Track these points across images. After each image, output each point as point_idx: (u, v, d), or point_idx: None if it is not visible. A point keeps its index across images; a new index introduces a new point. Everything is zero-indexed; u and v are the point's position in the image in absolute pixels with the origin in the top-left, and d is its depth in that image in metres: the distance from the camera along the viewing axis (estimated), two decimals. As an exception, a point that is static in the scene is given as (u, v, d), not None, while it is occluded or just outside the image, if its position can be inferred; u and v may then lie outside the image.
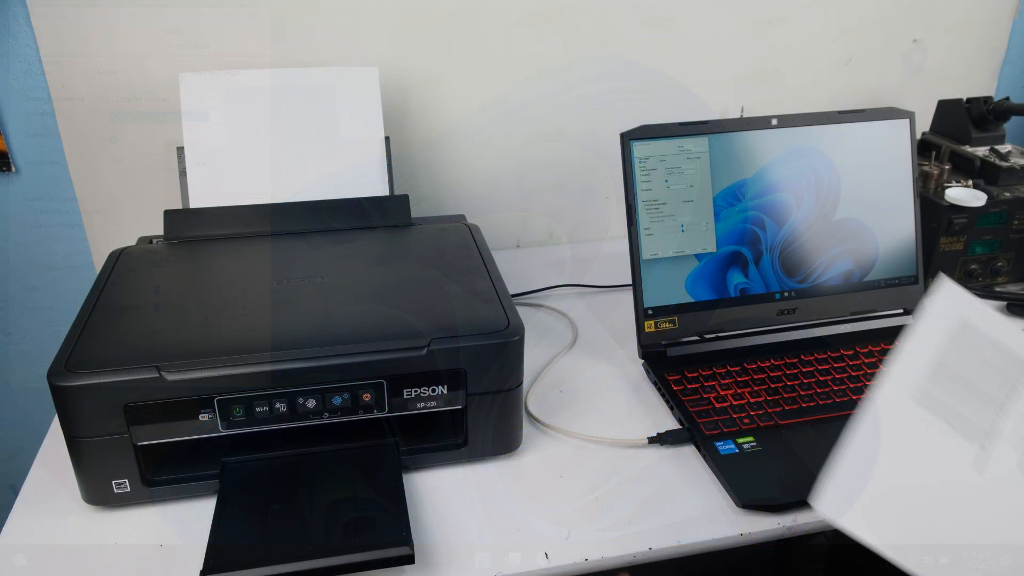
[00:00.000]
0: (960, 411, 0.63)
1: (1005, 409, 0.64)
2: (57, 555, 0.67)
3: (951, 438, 0.63)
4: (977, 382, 0.64)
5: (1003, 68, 1.34)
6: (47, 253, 1.10)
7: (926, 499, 0.61)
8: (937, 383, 0.63)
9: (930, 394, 0.63)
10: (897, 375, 0.64)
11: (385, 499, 0.69)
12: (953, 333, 0.64)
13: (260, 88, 0.97)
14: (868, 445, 0.62)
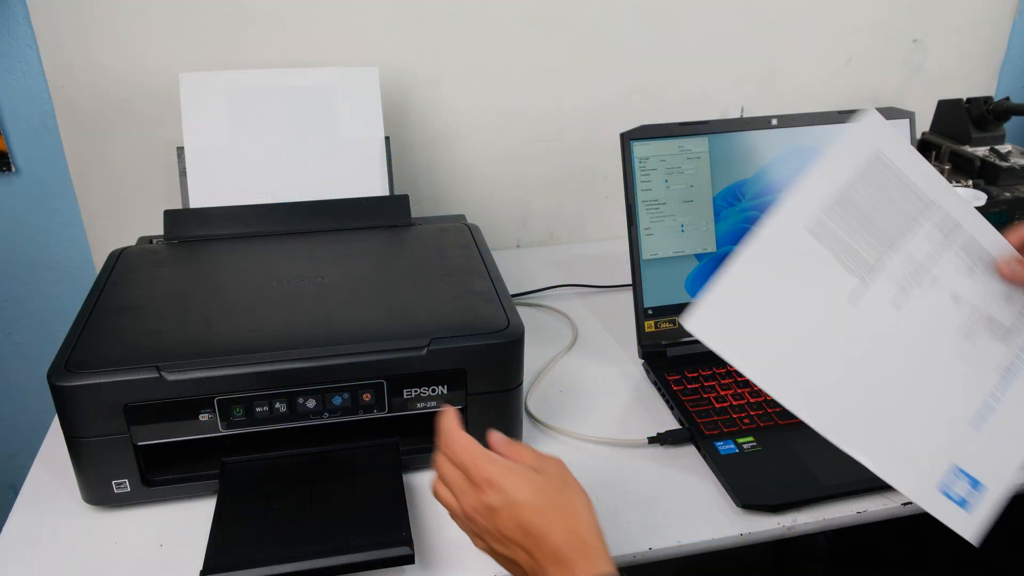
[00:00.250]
0: (850, 245, 0.62)
1: (895, 246, 0.62)
2: (57, 555, 0.67)
3: (834, 270, 0.61)
4: (874, 217, 0.62)
5: (1003, 68, 1.34)
6: (47, 253, 1.10)
7: (798, 328, 0.60)
8: (835, 215, 0.62)
9: (825, 225, 0.62)
10: (796, 202, 0.62)
11: (385, 499, 0.69)
12: (864, 166, 0.62)
13: (260, 88, 0.97)
14: (750, 268, 0.60)
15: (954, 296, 0.63)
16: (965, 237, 0.63)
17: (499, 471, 0.55)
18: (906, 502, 0.73)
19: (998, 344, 0.63)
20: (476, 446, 0.57)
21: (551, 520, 0.54)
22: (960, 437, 0.61)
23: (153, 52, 1.02)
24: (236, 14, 1.02)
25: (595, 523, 0.55)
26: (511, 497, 0.54)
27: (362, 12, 1.05)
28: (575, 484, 0.57)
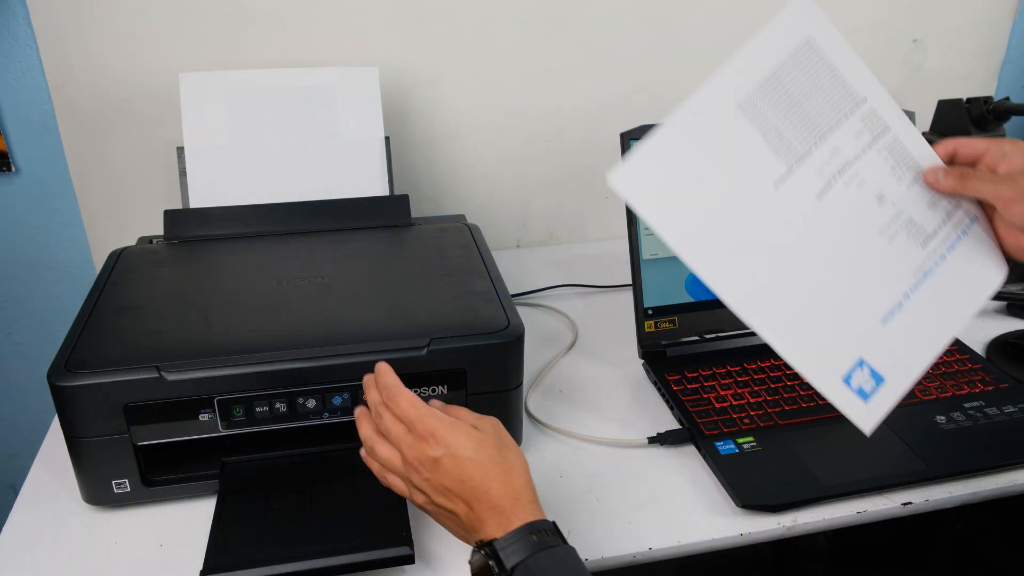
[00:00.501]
0: (780, 128, 0.62)
1: (824, 138, 0.62)
2: (57, 555, 0.67)
3: (761, 151, 0.61)
4: (804, 104, 0.62)
5: (1003, 68, 1.34)
6: (47, 253, 1.10)
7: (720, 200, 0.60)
8: (764, 94, 0.62)
9: (755, 104, 0.62)
10: (727, 76, 0.62)
11: (385, 499, 0.69)
12: (795, 49, 0.62)
13: (260, 88, 0.97)
14: (679, 135, 0.61)
15: (879, 196, 0.64)
16: (891, 138, 0.64)
17: (443, 426, 0.59)
18: (906, 502, 0.73)
19: (917, 247, 0.64)
20: (420, 402, 0.61)
21: (489, 474, 0.58)
22: (869, 332, 0.62)
23: (153, 52, 1.02)
24: (236, 14, 1.02)
25: (528, 478, 0.60)
26: (453, 451, 0.58)
27: (362, 12, 1.05)
28: (510, 442, 0.62)
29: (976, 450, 0.77)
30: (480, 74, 1.13)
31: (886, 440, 0.79)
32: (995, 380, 0.87)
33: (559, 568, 0.55)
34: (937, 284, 0.64)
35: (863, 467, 0.75)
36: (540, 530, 0.56)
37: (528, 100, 1.16)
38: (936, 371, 0.89)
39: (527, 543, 0.55)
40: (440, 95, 1.13)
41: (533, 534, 0.55)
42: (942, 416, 0.82)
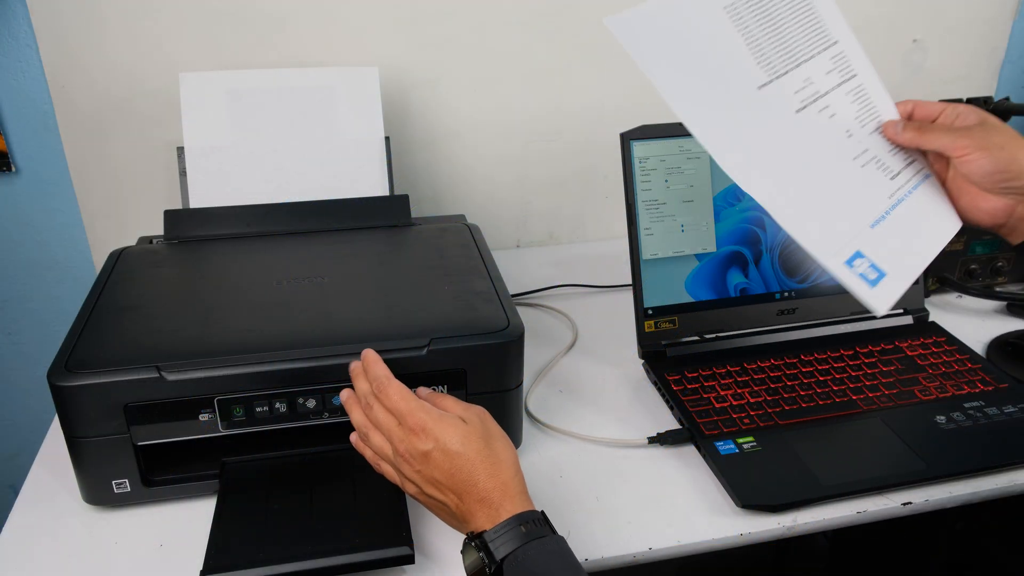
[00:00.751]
0: (760, 43, 0.63)
1: (799, 66, 0.65)
2: (57, 555, 0.67)
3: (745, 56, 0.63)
4: (783, 31, 0.64)
5: (1003, 68, 1.34)
6: (47, 253, 1.10)
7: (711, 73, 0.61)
8: (749, 6, 0.64)
9: (739, 11, 0.63)
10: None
11: (385, 499, 0.69)
12: None
13: (260, 88, 0.97)
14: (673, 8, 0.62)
15: (847, 131, 0.67)
16: (857, 83, 0.67)
17: (432, 419, 0.60)
18: (906, 502, 0.73)
19: (887, 179, 0.66)
20: (410, 394, 0.61)
21: (477, 467, 0.59)
22: (861, 231, 0.63)
23: (153, 52, 1.02)
24: (236, 14, 1.02)
25: (517, 469, 0.61)
26: (442, 445, 0.59)
27: (362, 12, 1.05)
28: (499, 433, 0.62)
29: (976, 450, 0.77)
30: (480, 74, 1.13)
31: (886, 440, 0.79)
32: (995, 380, 0.87)
33: (548, 558, 0.55)
34: (911, 207, 0.66)
35: (863, 467, 0.75)
36: (529, 520, 0.57)
37: (528, 100, 1.16)
38: (936, 371, 0.89)
39: (516, 534, 0.56)
40: (440, 95, 1.13)
41: (522, 525, 0.56)
42: (942, 416, 0.82)
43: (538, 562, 0.55)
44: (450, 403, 0.64)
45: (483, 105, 1.15)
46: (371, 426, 0.64)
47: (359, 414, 0.65)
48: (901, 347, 0.93)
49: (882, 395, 0.85)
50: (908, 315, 0.99)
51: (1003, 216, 0.67)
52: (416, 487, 0.62)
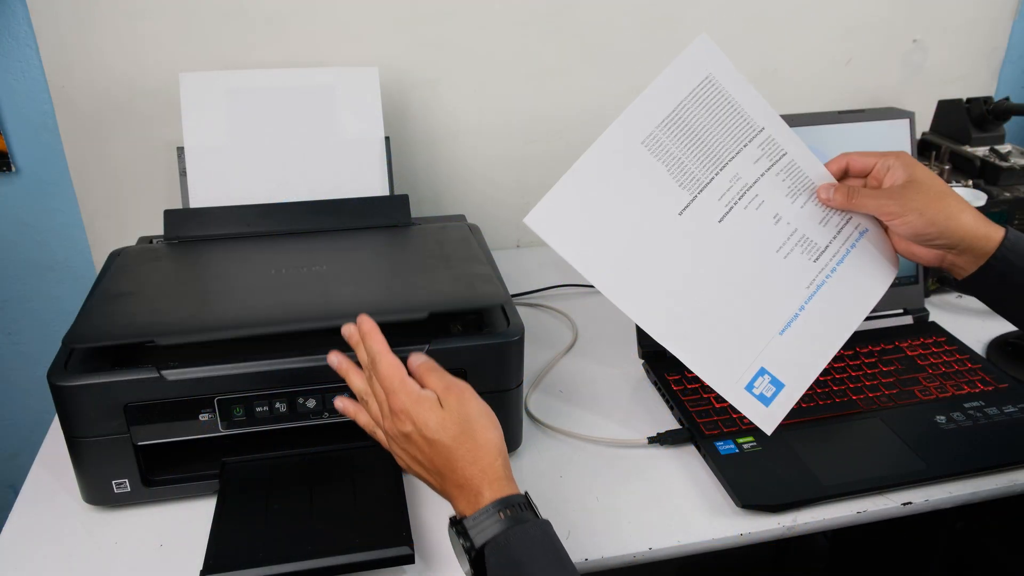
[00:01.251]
0: (683, 160, 0.67)
1: (725, 167, 0.68)
2: (57, 555, 0.67)
3: (666, 182, 0.67)
4: (705, 137, 0.67)
5: (1003, 68, 1.34)
6: (47, 253, 1.10)
7: (628, 232, 0.66)
8: (667, 130, 0.67)
9: (659, 139, 0.67)
10: (631, 117, 0.67)
11: (385, 499, 0.69)
12: (695, 87, 0.66)
13: (260, 88, 0.97)
14: (587, 174, 0.67)
15: (776, 216, 0.70)
16: (787, 161, 0.69)
17: (411, 402, 0.59)
18: (906, 502, 0.73)
19: (810, 263, 0.69)
20: (397, 374, 0.60)
21: (453, 454, 0.58)
22: (768, 343, 0.68)
23: (153, 52, 1.02)
24: (236, 14, 1.02)
25: (499, 452, 0.59)
26: (420, 430, 0.59)
27: (362, 12, 1.05)
28: (479, 415, 0.60)
29: (976, 450, 0.77)
30: (480, 74, 1.13)
31: (886, 440, 0.79)
32: (995, 380, 0.87)
33: (529, 545, 0.55)
34: (828, 294, 0.70)
35: (863, 467, 0.75)
36: (511, 505, 0.56)
37: (528, 100, 1.16)
38: (936, 371, 0.89)
39: (496, 520, 0.55)
40: (440, 95, 1.13)
41: (502, 511, 0.56)
42: (942, 416, 0.82)
43: (519, 548, 0.54)
44: (433, 380, 0.61)
45: (483, 105, 1.15)
46: (371, 393, 0.63)
47: (358, 380, 0.64)
48: (901, 347, 0.93)
49: (882, 395, 0.85)
50: (908, 315, 0.99)
51: (936, 262, 0.73)
52: (404, 462, 0.62)
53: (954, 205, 0.70)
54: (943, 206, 0.70)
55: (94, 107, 1.03)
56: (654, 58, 1.17)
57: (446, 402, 0.60)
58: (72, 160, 1.05)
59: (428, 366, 0.62)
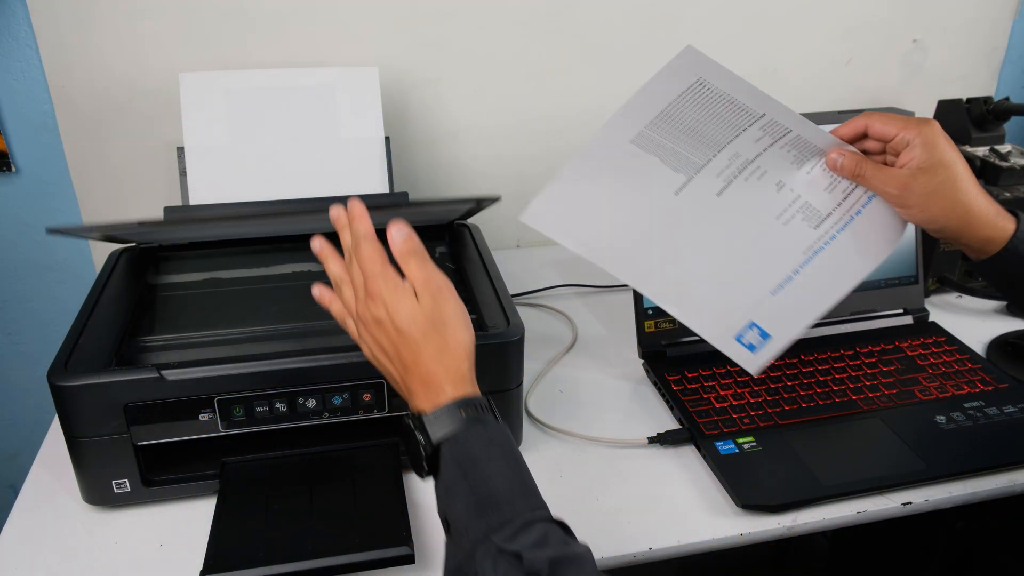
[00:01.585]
0: (676, 150, 0.67)
1: (724, 148, 0.68)
2: (57, 555, 0.67)
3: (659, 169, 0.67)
4: (701, 130, 0.67)
5: (1003, 68, 1.34)
6: (47, 253, 1.10)
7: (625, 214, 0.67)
8: (657, 128, 0.67)
9: (648, 136, 0.67)
10: (620, 121, 0.66)
11: (385, 499, 0.69)
12: (684, 90, 0.65)
13: (260, 88, 0.97)
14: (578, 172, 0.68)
15: (779, 184, 0.70)
16: (793, 136, 0.68)
17: (388, 289, 0.57)
18: (906, 502, 0.73)
19: (810, 230, 0.69)
20: (379, 258, 0.58)
21: (422, 348, 0.56)
22: (761, 301, 0.70)
23: (153, 52, 1.02)
24: (236, 14, 1.02)
25: (466, 356, 0.57)
26: (392, 318, 0.57)
27: (362, 12, 1.05)
28: (453, 314, 0.58)
29: (976, 450, 0.77)
30: (480, 74, 1.13)
31: (886, 440, 0.79)
32: (995, 380, 0.87)
33: (487, 446, 0.54)
34: (825, 260, 0.69)
35: (863, 467, 0.75)
36: (471, 405, 0.55)
37: (528, 100, 1.16)
38: (936, 371, 0.89)
39: (455, 418, 0.54)
40: (440, 95, 1.13)
41: (462, 409, 0.54)
42: (942, 416, 0.82)
43: (477, 448, 0.53)
44: (413, 268, 0.58)
45: (483, 105, 1.15)
46: (347, 279, 0.61)
47: (336, 265, 0.62)
48: (901, 347, 0.93)
49: (882, 395, 0.85)
50: (908, 315, 0.99)
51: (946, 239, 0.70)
52: (369, 350, 0.60)
53: (963, 202, 0.66)
54: (950, 204, 0.66)
55: (94, 107, 1.03)
56: (654, 58, 1.16)
57: (422, 296, 0.57)
58: (72, 160, 1.05)
59: (410, 248, 0.59)
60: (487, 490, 0.52)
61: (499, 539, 0.49)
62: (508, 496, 0.52)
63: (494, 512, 0.51)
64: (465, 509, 0.52)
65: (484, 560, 0.49)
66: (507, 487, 0.52)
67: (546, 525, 0.51)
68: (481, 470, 0.53)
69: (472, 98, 1.14)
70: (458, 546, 0.51)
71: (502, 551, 0.49)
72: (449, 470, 0.53)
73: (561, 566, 0.47)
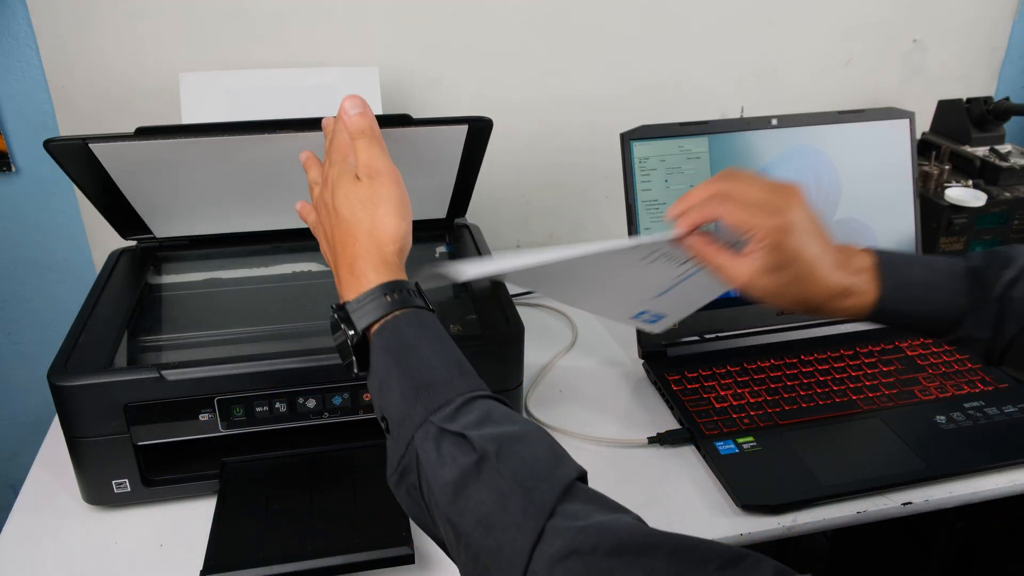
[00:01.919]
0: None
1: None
2: (57, 555, 0.67)
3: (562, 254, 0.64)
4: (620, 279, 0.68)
5: (1003, 68, 1.34)
6: (47, 253, 1.10)
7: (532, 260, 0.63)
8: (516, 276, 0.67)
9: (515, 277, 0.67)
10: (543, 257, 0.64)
11: (385, 499, 0.69)
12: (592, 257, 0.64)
13: (260, 88, 0.97)
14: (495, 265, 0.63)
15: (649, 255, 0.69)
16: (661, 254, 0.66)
17: (336, 173, 0.56)
18: (906, 502, 0.73)
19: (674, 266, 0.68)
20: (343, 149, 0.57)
21: (349, 230, 0.54)
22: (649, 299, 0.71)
23: (153, 52, 1.02)
24: (236, 14, 1.02)
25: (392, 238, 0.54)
26: (333, 200, 0.55)
27: (362, 12, 1.05)
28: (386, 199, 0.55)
29: (976, 450, 0.77)
30: (480, 74, 1.13)
31: (886, 440, 0.79)
32: (995, 380, 0.87)
33: (418, 330, 0.51)
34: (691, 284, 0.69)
35: (863, 467, 0.75)
36: (399, 290, 0.52)
37: (528, 100, 1.16)
38: (936, 371, 0.89)
39: (379, 303, 0.51)
40: (440, 95, 1.13)
41: (387, 294, 0.52)
42: (942, 416, 0.82)
43: (407, 332, 0.50)
44: (360, 148, 0.56)
45: (483, 105, 1.15)
46: (319, 182, 0.60)
47: (316, 171, 0.61)
48: (901, 347, 0.93)
49: (882, 395, 0.85)
50: (908, 315, 0.98)
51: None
52: (319, 236, 0.59)
53: (814, 292, 0.59)
54: (800, 297, 0.59)
55: (94, 107, 1.03)
56: (654, 58, 1.17)
57: (362, 178, 0.55)
58: (72, 160, 1.05)
59: (360, 127, 0.57)
60: (421, 374, 0.49)
61: (439, 419, 0.47)
62: (445, 376, 0.49)
63: (431, 393, 0.48)
64: (401, 396, 0.49)
65: (424, 442, 0.47)
66: (443, 369, 0.50)
67: (487, 402, 0.49)
68: (414, 354, 0.50)
69: (472, 98, 1.14)
70: (398, 441, 0.49)
71: (444, 431, 0.47)
72: (380, 360, 0.51)
73: (508, 443, 0.46)
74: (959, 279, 0.61)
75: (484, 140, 0.80)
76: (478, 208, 1.20)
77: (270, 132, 0.72)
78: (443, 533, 0.47)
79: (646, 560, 0.39)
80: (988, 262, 0.61)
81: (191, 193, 0.81)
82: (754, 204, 0.58)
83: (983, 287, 0.60)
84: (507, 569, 0.42)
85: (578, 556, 0.40)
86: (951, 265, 0.61)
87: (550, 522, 0.42)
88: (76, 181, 0.75)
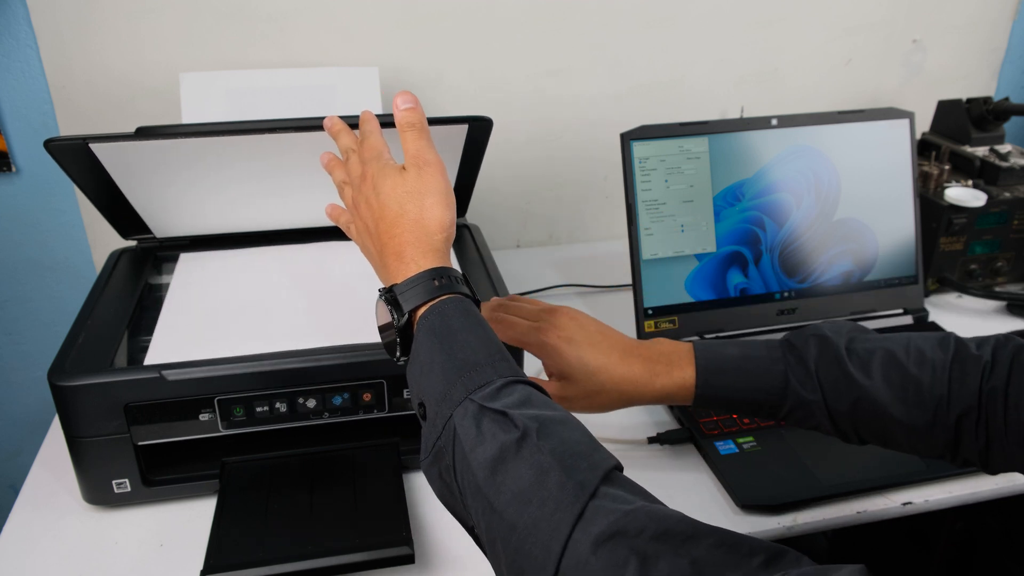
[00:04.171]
0: None
1: None
2: (57, 555, 0.67)
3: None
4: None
5: (1003, 68, 1.34)
6: (47, 253, 1.10)
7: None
8: None
9: None
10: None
11: (385, 499, 0.69)
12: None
13: (260, 88, 0.97)
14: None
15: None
16: None
17: (377, 168, 0.57)
18: (906, 502, 0.73)
19: None
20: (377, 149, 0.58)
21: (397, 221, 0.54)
22: None
23: (154, 52, 1.02)
24: (237, 14, 1.02)
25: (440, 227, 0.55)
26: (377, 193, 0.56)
27: (362, 12, 1.05)
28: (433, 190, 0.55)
29: (976, 450, 0.77)
30: (480, 74, 1.13)
31: (886, 440, 0.79)
32: (995, 380, 0.87)
33: (464, 315, 0.51)
34: None
35: (863, 467, 0.75)
36: (445, 275, 0.53)
37: (528, 100, 1.16)
38: (936, 371, 0.88)
39: (427, 287, 0.52)
40: (440, 95, 1.13)
41: (435, 279, 0.52)
42: (942, 416, 0.81)
43: (453, 317, 0.51)
44: (409, 139, 0.57)
45: (483, 105, 1.15)
46: (349, 182, 0.60)
47: (341, 172, 0.62)
48: (901, 347, 0.93)
49: (882, 395, 0.85)
50: (908, 315, 0.99)
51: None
52: (359, 235, 0.60)
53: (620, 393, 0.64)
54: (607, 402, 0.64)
55: (94, 107, 1.03)
56: (654, 58, 1.17)
57: (409, 168, 0.56)
58: (72, 160, 1.05)
59: (410, 120, 0.58)
60: (464, 355, 0.49)
61: (480, 397, 0.47)
62: (488, 359, 0.49)
63: (473, 374, 0.48)
64: (443, 376, 0.49)
65: (464, 419, 0.47)
66: (486, 352, 0.50)
67: (528, 387, 0.49)
68: (458, 337, 0.50)
69: (472, 98, 1.14)
70: (435, 423, 0.49)
71: (484, 408, 0.46)
72: (423, 341, 0.51)
73: (549, 424, 0.45)
74: (774, 348, 0.64)
75: (484, 140, 0.80)
76: (478, 208, 1.20)
77: (270, 132, 0.72)
78: (473, 517, 0.47)
79: (692, 548, 0.39)
80: (794, 335, 0.64)
81: (191, 193, 0.81)
82: (524, 324, 0.66)
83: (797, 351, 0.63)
84: (543, 545, 0.41)
85: (623, 537, 0.40)
86: (765, 341, 0.65)
87: (592, 502, 0.41)
88: (76, 181, 0.75)
